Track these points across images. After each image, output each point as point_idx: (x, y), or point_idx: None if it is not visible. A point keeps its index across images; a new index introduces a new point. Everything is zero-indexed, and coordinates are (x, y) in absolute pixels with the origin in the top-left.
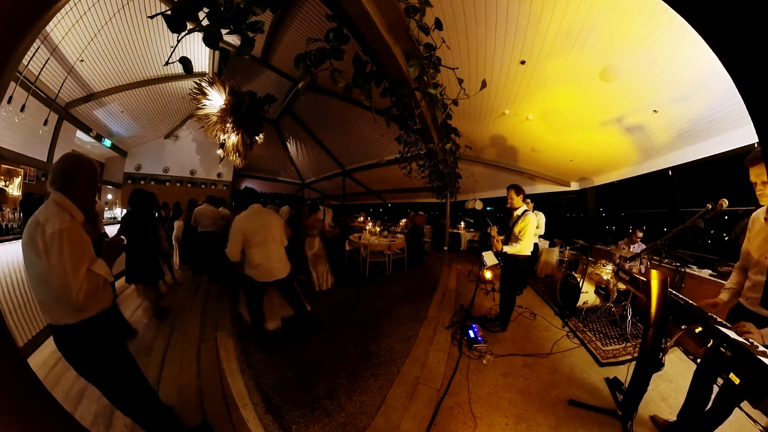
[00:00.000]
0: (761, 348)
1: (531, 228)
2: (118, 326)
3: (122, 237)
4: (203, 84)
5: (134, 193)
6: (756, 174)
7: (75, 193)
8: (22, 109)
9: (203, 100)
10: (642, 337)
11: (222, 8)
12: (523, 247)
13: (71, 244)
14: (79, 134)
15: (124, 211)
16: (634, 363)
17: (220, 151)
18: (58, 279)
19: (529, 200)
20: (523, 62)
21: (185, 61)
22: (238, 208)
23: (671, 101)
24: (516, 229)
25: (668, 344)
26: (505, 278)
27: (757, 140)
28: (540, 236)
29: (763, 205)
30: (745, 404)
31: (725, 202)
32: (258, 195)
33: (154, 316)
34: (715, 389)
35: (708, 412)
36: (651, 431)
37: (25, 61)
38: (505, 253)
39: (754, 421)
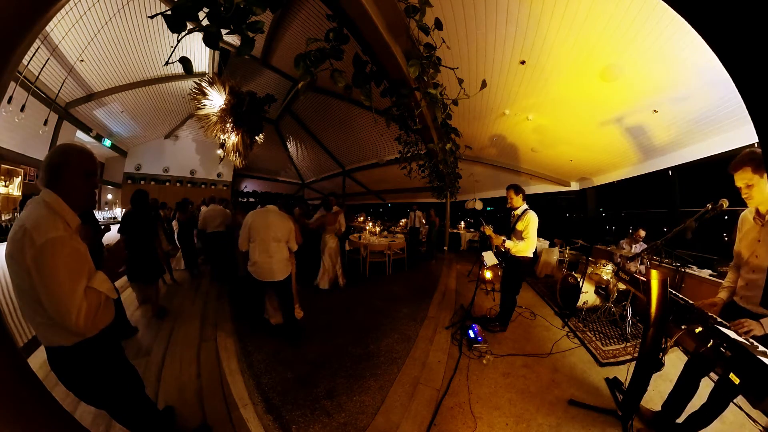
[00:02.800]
0: (761, 348)
1: (533, 226)
2: (119, 337)
3: (122, 241)
4: (203, 84)
5: (137, 193)
6: (740, 179)
7: (69, 191)
8: (22, 109)
9: (203, 100)
10: (642, 337)
11: (222, 8)
12: (527, 246)
13: (66, 258)
14: (79, 134)
15: (124, 210)
16: (634, 363)
17: (220, 151)
18: (51, 300)
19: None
20: (523, 62)
21: (185, 61)
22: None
23: (671, 101)
24: (519, 228)
25: (668, 344)
26: (506, 279)
27: (757, 140)
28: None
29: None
30: (745, 404)
31: (725, 202)
32: (275, 197)
33: (153, 316)
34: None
35: (704, 406)
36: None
37: (25, 61)
38: (507, 253)
39: (754, 421)
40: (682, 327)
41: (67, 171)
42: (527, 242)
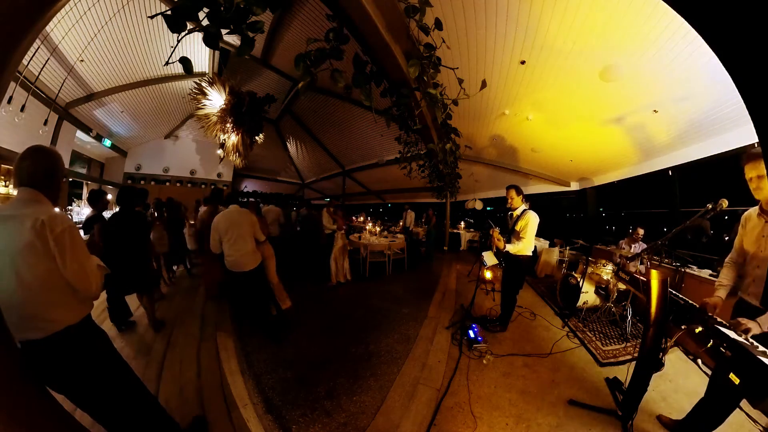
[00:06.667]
0: (761, 348)
1: (532, 226)
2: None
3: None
4: (203, 84)
5: (123, 191)
6: (752, 169)
7: (52, 189)
8: (22, 109)
9: (203, 100)
10: (642, 337)
11: (222, 8)
12: (525, 246)
13: (82, 241)
14: (79, 134)
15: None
16: (634, 363)
17: (220, 151)
18: (77, 273)
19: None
20: (523, 62)
21: (185, 61)
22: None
23: (671, 101)
24: (518, 228)
25: (668, 344)
26: (506, 278)
27: (757, 140)
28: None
29: (758, 200)
30: (745, 404)
31: (725, 202)
32: (235, 196)
33: (150, 328)
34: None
35: (709, 408)
36: (651, 431)
37: (25, 61)
38: (507, 253)
39: (754, 421)
40: (682, 327)
41: (52, 172)
42: (526, 241)
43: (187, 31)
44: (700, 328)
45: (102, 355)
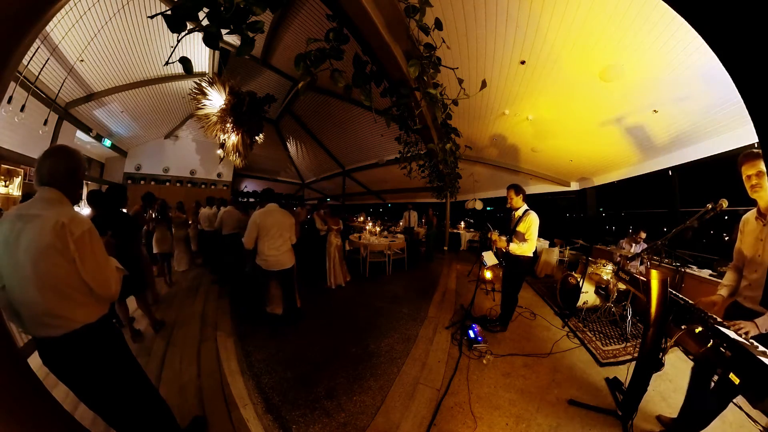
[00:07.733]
0: (761, 348)
1: (535, 227)
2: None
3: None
4: (203, 84)
5: (112, 190)
6: (751, 167)
7: (73, 188)
8: (22, 109)
9: (203, 100)
10: (642, 337)
11: (222, 8)
12: (529, 247)
13: (101, 242)
14: (79, 134)
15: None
16: (634, 363)
17: (220, 151)
18: (97, 275)
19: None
20: (523, 62)
21: (185, 61)
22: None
23: (671, 101)
24: (521, 229)
25: (668, 344)
26: (506, 278)
27: (757, 140)
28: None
29: (754, 199)
30: (745, 404)
31: (725, 202)
32: (276, 195)
33: (150, 327)
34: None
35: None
36: (651, 431)
37: (25, 61)
38: (508, 253)
39: (754, 421)
40: (682, 327)
41: (74, 172)
42: (529, 243)
43: (187, 31)
44: (700, 328)
45: (118, 354)
